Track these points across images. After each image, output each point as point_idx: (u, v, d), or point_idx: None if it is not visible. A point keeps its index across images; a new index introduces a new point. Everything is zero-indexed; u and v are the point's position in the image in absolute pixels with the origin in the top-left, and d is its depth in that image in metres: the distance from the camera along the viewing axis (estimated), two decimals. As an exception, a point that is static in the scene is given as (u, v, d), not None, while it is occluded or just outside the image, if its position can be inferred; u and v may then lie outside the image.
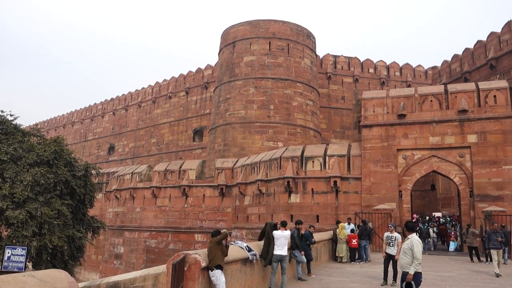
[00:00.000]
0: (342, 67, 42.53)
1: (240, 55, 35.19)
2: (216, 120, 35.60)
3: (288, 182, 22.18)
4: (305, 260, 11.17)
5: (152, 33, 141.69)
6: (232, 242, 8.76)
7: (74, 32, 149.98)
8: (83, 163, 19.87)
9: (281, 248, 9.49)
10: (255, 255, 8.64)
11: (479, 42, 34.40)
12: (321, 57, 42.14)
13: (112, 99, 60.01)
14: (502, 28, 31.98)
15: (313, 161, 22.51)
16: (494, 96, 20.18)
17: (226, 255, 7.26)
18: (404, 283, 6.64)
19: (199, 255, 6.77)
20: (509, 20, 31.21)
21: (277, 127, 33.17)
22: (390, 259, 10.48)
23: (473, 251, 16.47)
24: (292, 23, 35.91)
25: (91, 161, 39.79)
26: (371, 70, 43.33)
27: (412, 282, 6.55)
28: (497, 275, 12.15)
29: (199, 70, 48.46)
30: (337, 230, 15.38)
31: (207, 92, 46.31)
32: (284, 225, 9.84)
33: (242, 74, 34.62)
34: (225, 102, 35.01)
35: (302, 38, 35.97)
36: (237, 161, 28.30)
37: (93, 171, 19.71)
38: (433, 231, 19.70)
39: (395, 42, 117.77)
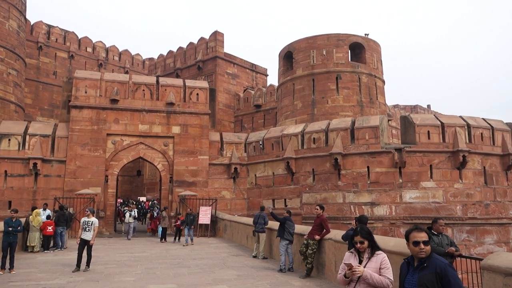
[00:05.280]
0: (56, 39, 38.87)
1: None
2: None
3: (-27, 162, 18.63)
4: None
5: None
6: None
7: None
8: None
9: None
10: None
11: (191, 44, 38.29)
12: (32, 23, 37.30)
13: None
14: (210, 36, 36.64)
15: (9, 139, 19.70)
16: (197, 94, 22.84)
17: None
18: None
19: None
20: (216, 30, 36.05)
21: (-36, 95, 27.24)
22: (85, 244, 10.25)
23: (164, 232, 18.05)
24: (-4, -25, 30.18)
25: None
26: (89, 49, 41.47)
27: None
28: (257, 257, 12.34)
29: None
30: (30, 217, 13.91)
31: None
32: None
33: None
34: None
35: (9, -4, 30.73)
36: None
37: None
38: (130, 215, 19.63)
39: (118, 26, 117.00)
